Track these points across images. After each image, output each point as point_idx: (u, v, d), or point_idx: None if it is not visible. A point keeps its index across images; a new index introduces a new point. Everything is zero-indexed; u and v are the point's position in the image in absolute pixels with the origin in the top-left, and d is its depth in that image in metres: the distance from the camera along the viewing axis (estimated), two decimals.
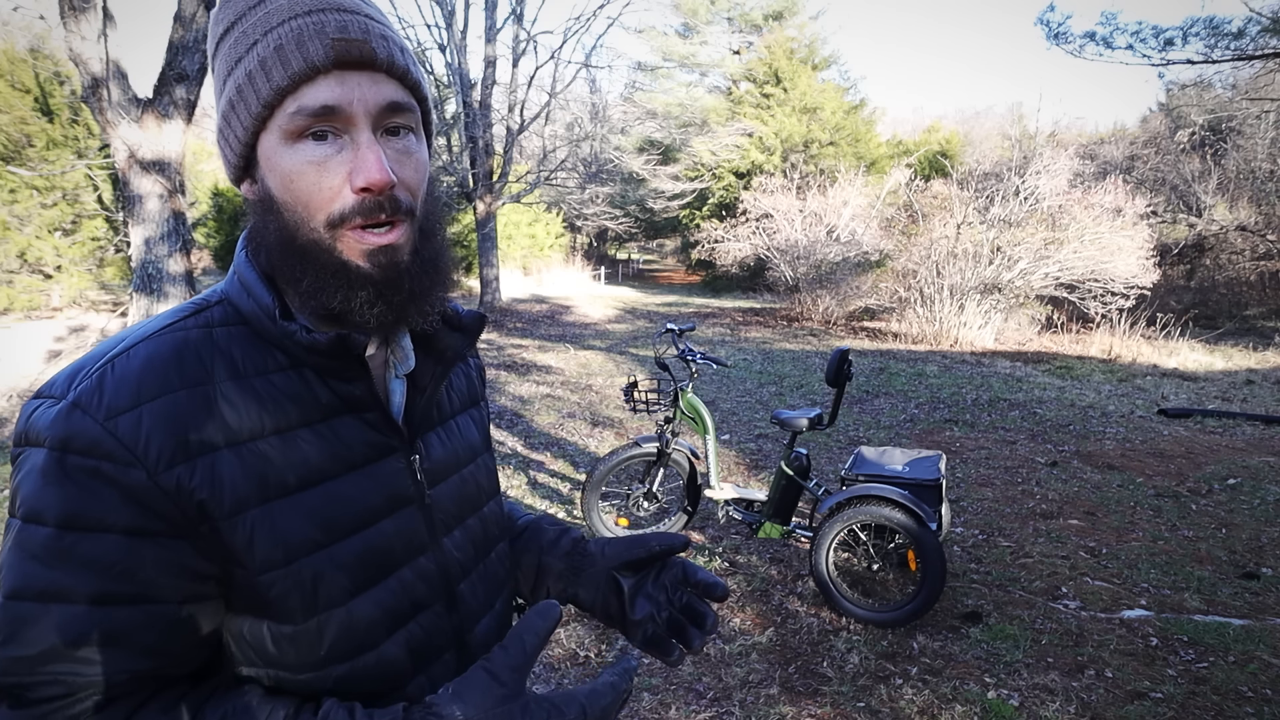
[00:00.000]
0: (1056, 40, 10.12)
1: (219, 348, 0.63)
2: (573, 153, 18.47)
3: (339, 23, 0.60)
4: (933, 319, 12.08)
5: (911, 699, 2.56)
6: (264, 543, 0.61)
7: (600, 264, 27.44)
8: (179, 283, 6.59)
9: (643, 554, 0.81)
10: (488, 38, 13.83)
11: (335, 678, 0.65)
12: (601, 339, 11.83)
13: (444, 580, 0.75)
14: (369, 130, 0.61)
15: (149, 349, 0.61)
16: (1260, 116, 18.09)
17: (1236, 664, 2.76)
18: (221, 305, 0.67)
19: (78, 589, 0.55)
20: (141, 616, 0.57)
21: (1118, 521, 4.21)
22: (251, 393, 0.63)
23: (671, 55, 26.27)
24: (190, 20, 6.31)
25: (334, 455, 0.66)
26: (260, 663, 0.64)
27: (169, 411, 0.58)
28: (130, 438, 0.56)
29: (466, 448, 0.81)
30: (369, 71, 0.62)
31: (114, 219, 12.50)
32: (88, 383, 0.58)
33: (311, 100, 0.60)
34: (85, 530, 0.56)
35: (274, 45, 0.60)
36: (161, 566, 0.58)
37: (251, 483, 0.61)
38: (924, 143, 24.78)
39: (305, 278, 0.63)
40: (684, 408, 3.70)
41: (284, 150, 0.61)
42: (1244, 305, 15.91)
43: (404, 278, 0.64)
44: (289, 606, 0.62)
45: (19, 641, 0.54)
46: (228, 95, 0.63)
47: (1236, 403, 7.62)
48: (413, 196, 0.65)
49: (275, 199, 0.63)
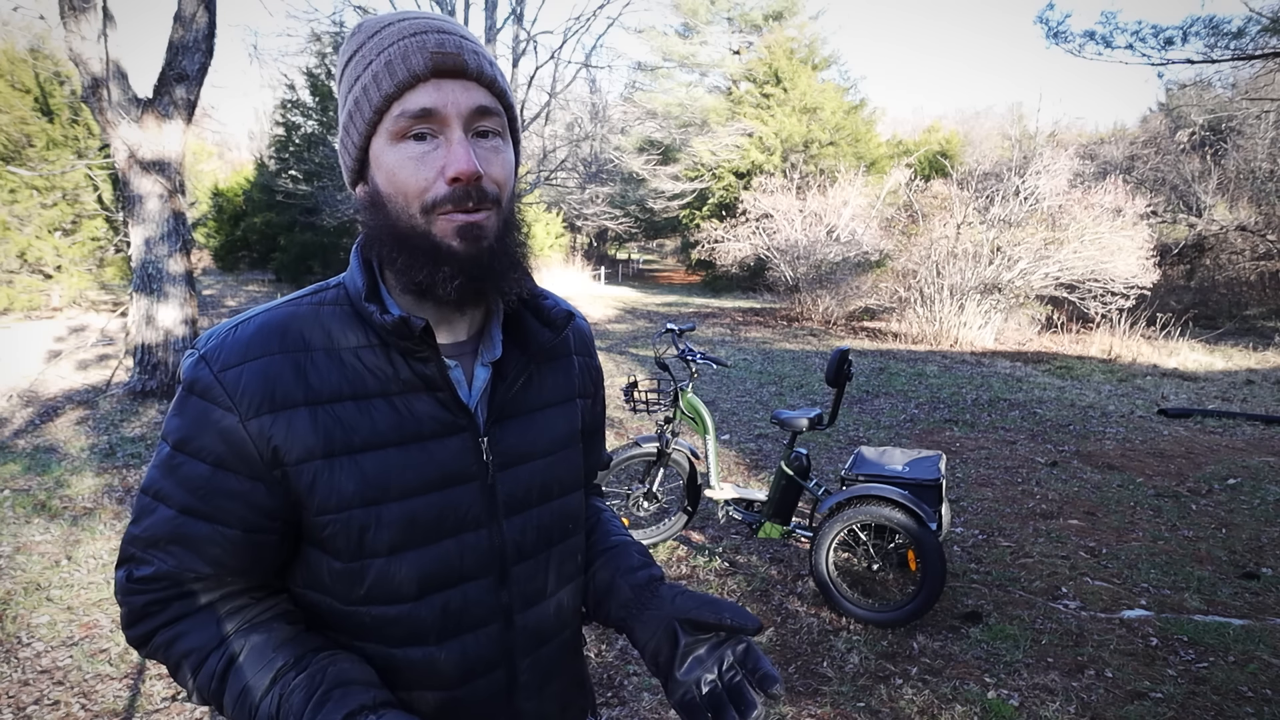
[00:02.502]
0: (1056, 39, 10.11)
1: (321, 323, 0.75)
2: (573, 153, 18.48)
3: (438, 41, 0.71)
4: (933, 319, 12.08)
5: (911, 699, 2.56)
6: (322, 490, 0.71)
7: (600, 264, 27.42)
8: (179, 282, 6.59)
9: (711, 619, 0.79)
10: (488, 38, 13.84)
11: (371, 616, 0.75)
12: (601, 339, 11.83)
13: (496, 557, 0.80)
14: (461, 130, 0.71)
15: (265, 319, 0.74)
16: (1260, 116, 18.08)
17: (1236, 664, 2.76)
18: (337, 288, 0.78)
19: (174, 497, 0.71)
20: (211, 532, 0.71)
21: (1118, 521, 4.21)
22: (338, 362, 0.73)
23: (671, 55, 26.25)
24: (190, 20, 6.31)
25: (401, 426, 0.74)
26: (317, 588, 0.76)
27: (265, 370, 0.71)
28: (232, 387, 0.70)
29: (548, 439, 0.85)
30: (461, 80, 0.72)
31: (114, 219, 12.50)
32: (215, 341, 0.73)
33: (413, 104, 0.70)
34: (188, 454, 0.71)
35: (385, 61, 0.71)
36: (234, 498, 0.71)
37: (319, 438, 0.71)
38: (924, 143, 24.78)
39: (401, 257, 0.73)
40: (684, 408, 3.70)
41: (389, 149, 0.72)
42: (1244, 305, 15.91)
43: (486, 256, 0.73)
44: (338, 546, 0.73)
45: (138, 523, 0.72)
46: (347, 108, 0.74)
47: (1236, 403, 7.62)
48: (499, 189, 0.74)
49: (381, 193, 0.73)
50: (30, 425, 5.94)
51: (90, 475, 4.73)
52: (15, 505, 4.20)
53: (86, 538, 3.81)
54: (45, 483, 4.59)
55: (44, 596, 3.21)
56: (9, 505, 4.20)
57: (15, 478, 4.69)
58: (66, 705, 2.50)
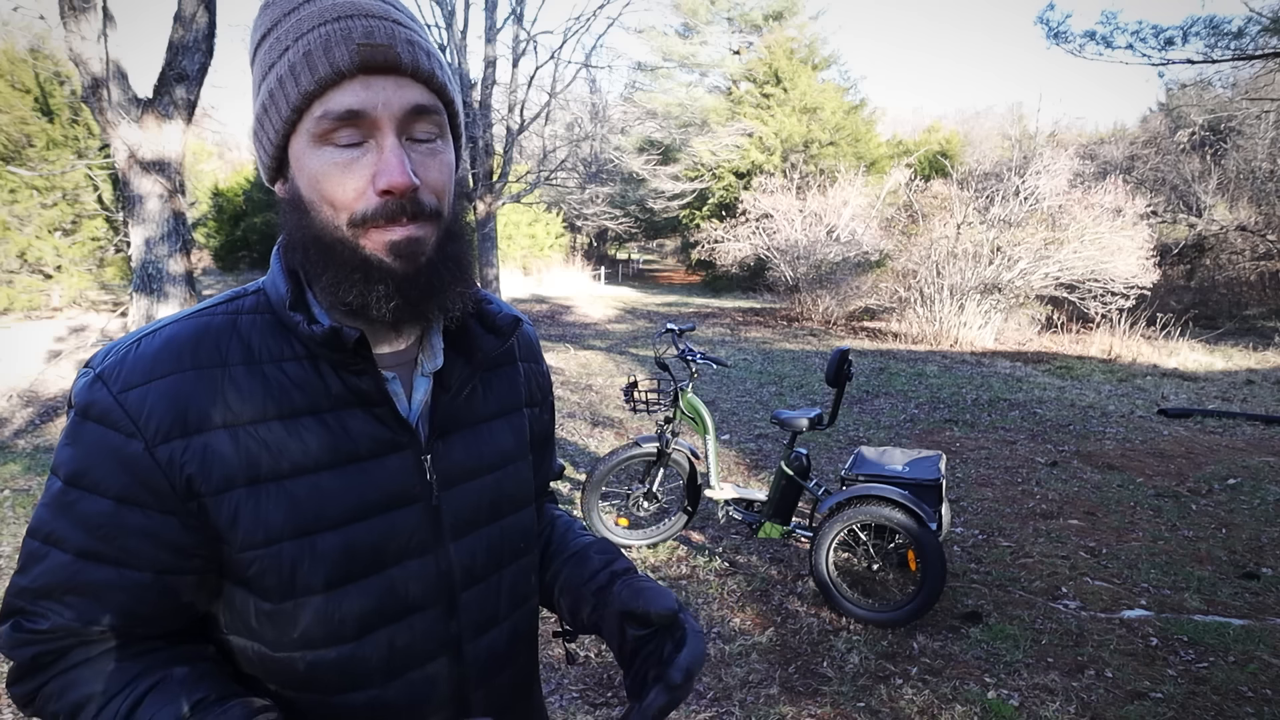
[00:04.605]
0: (1056, 39, 10.11)
1: (239, 334, 0.66)
2: (573, 153, 18.47)
3: (365, 29, 0.61)
4: (933, 319, 12.08)
5: (911, 699, 2.56)
6: (246, 522, 0.63)
7: (600, 264, 27.43)
8: (179, 283, 6.59)
9: (638, 610, 0.74)
10: (488, 38, 13.82)
11: (307, 662, 0.66)
12: (601, 339, 11.83)
13: (444, 585, 0.73)
14: (393, 134, 0.62)
15: (173, 331, 0.66)
16: (1260, 116, 18.08)
17: (1236, 664, 2.76)
18: (256, 295, 0.70)
19: (70, 540, 0.62)
20: (116, 578, 0.62)
21: (1118, 521, 4.21)
22: (260, 378, 0.65)
23: (671, 55, 26.24)
24: (190, 20, 6.31)
25: (335, 446, 0.66)
26: (244, 633, 0.67)
27: (174, 390, 0.62)
28: (135, 410, 0.61)
29: (495, 453, 0.78)
30: (394, 76, 0.62)
31: (114, 219, 12.49)
32: (114, 358, 0.64)
33: (336, 105, 0.61)
34: (84, 489, 0.61)
35: (303, 51, 0.61)
36: (142, 536, 0.62)
37: (241, 464, 0.63)
38: (924, 143, 24.77)
39: (327, 272, 0.65)
40: (684, 408, 3.70)
41: (311, 152, 0.63)
42: (1244, 305, 15.90)
43: (424, 273, 0.65)
44: (266, 585, 0.65)
45: (25, 573, 0.63)
46: (261, 100, 0.65)
47: (1236, 403, 7.62)
48: (438, 199, 0.66)
49: (304, 198, 0.65)
50: (30, 425, 5.94)
51: None
52: (15, 505, 4.20)
53: None
54: (45, 483, 4.58)
55: None
56: (9, 505, 4.20)
57: (15, 478, 4.69)
58: None
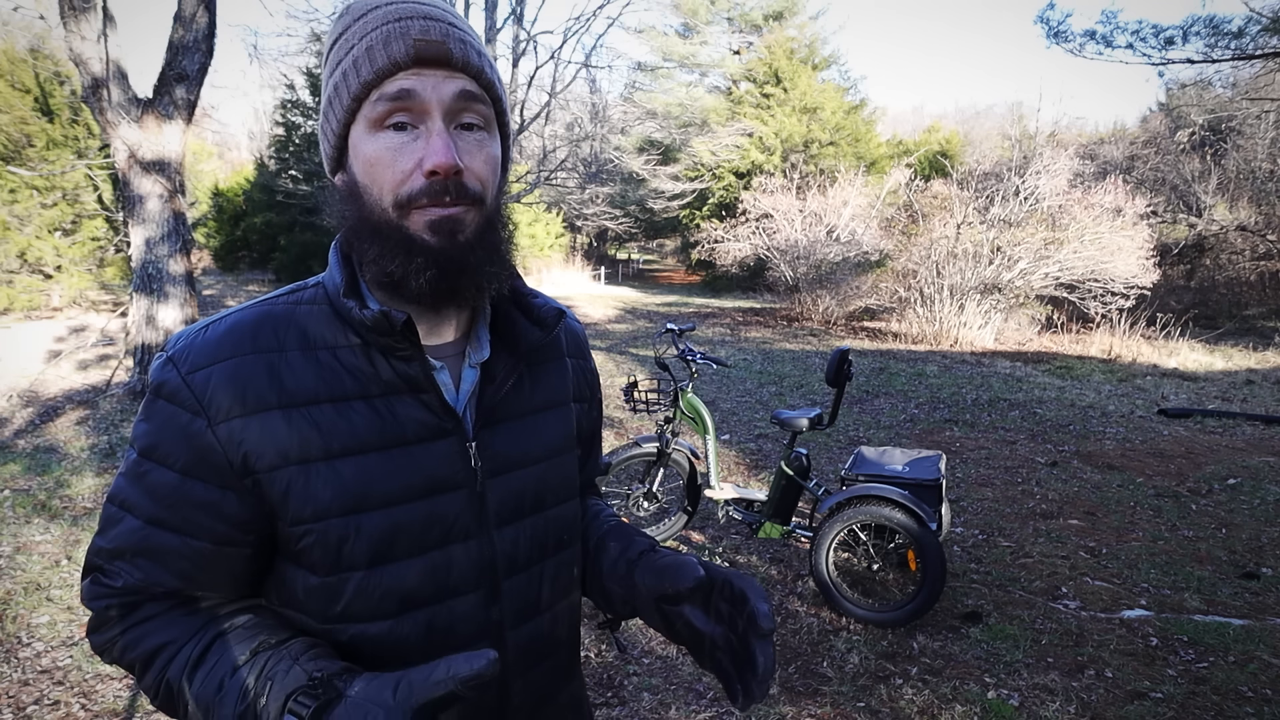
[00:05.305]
0: (1056, 39, 10.11)
1: (297, 322, 0.71)
2: (573, 153, 18.49)
3: (422, 28, 0.67)
4: (933, 319, 12.07)
5: (911, 699, 2.56)
6: (296, 498, 0.67)
7: (600, 264, 27.41)
8: (179, 283, 6.59)
9: (670, 589, 0.74)
10: (488, 38, 13.84)
11: (349, 635, 0.70)
12: (602, 339, 11.83)
13: (487, 571, 0.76)
14: (441, 120, 0.68)
15: (237, 318, 0.71)
16: (1260, 116, 18.08)
17: (1236, 664, 2.76)
18: (316, 287, 0.75)
19: (141, 507, 0.68)
20: (179, 544, 0.68)
21: (1118, 521, 4.21)
22: (314, 363, 0.69)
23: (671, 55, 26.22)
24: (190, 20, 6.31)
25: (383, 430, 0.70)
26: (291, 605, 0.72)
27: (235, 372, 0.67)
28: (200, 390, 0.66)
29: (540, 445, 0.81)
30: (445, 69, 0.68)
31: (114, 219, 12.49)
32: (184, 342, 0.69)
33: (391, 88, 0.67)
34: (155, 462, 0.68)
35: (365, 47, 0.68)
36: (204, 508, 0.67)
37: (294, 443, 0.67)
38: (924, 143, 24.76)
39: (373, 248, 0.69)
40: (684, 408, 3.70)
41: (368, 138, 0.68)
42: (1244, 305, 15.90)
43: (461, 251, 0.69)
44: (314, 559, 0.69)
45: (103, 534, 0.69)
46: (327, 93, 0.71)
47: (1236, 403, 7.62)
48: (482, 186, 0.70)
49: (358, 183, 0.70)
50: (30, 425, 5.94)
51: (90, 475, 4.73)
52: (15, 505, 4.20)
53: (86, 538, 3.81)
54: (45, 483, 4.59)
55: (44, 596, 3.21)
56: (9, 505, 4.20)
57: (15, 478, 4.69)
58: (66, 705, 2.50)
